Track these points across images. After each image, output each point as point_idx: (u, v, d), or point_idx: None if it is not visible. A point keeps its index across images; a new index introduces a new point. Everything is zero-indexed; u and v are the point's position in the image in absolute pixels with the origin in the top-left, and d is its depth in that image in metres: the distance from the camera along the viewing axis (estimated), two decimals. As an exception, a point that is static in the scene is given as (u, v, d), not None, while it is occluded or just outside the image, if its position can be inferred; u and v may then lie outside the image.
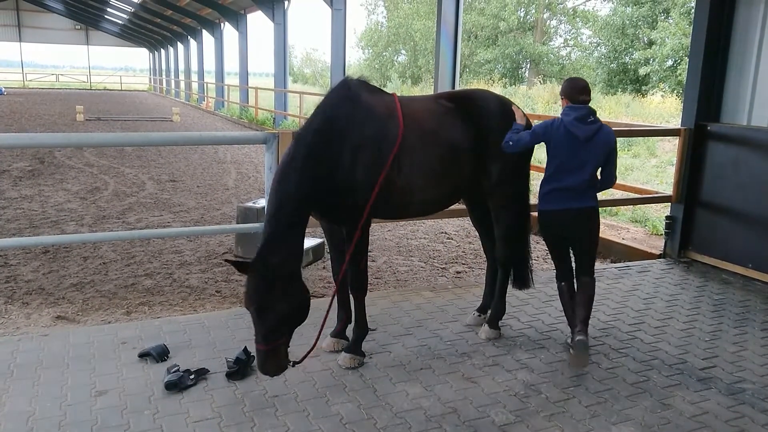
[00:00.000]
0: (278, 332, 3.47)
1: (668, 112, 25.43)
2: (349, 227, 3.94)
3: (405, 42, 49.95)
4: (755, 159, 6.14)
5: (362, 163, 3.82)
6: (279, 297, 3.43)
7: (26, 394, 3.60)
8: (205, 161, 15.04)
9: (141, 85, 67.16)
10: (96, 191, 11.00)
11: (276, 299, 3.43)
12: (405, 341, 4.47)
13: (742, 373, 4.17)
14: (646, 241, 8.34)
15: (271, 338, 3.44)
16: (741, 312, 5.32)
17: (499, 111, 4.36)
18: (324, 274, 6.85)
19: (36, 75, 66.70)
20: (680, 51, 30.24)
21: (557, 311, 5.13)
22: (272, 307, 3.42)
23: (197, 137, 4.90)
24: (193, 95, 41.75)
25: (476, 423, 3.44)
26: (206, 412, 3.46)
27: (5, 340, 4.38)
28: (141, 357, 4.05)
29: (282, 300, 3.44)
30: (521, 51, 42.72)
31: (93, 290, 6.14)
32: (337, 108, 3.89)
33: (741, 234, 6.29)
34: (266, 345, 3.43)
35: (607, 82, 36.60)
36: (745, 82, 6.39)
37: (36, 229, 8.26)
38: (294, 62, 70.18)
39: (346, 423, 3.41)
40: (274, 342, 3.45)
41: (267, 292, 3.42)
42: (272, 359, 3.46)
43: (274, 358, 3.46)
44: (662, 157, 17.78)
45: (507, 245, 4.53)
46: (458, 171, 4.23)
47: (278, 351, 3.48)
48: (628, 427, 3.47)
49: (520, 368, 4.11)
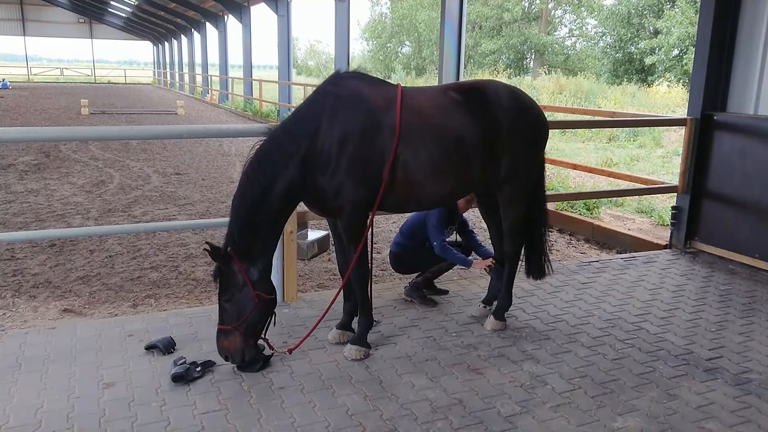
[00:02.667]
0: (232, 318, 3.73)
1: (674, 102, 25.31)
2: (342, 222, 3.95)
3: (409, 33, 49.81)
4: (762, 148, 6.10)
5: (346, 158, 3.77)
6: (235, 286, 3.71)
7: (34, 386, 3.62)
8: (210, 154, 15.06)
9: (145, 78, 67.23)
10: (101, 184, 11.03)
11: (232, 287, 3.72)
12: (410, 333, 4.47)
13: (749, 364, 4.15)
14: (652, 231, 8.32)
15: (224, 320, 3.74)
16: (747, 302, 5.30)
17: (512, 105, 4.21)
18: (329, 266, 6.86)
19: (40, 69, 66.88)
20: (686, 40, 30.04)
21: (563, 302, 5.12)
22: (227, 292, 3.72)
23: (202, 130, 4.89)
24: (197, 88, 41.74)
25: (482, 414, 3.45)
26: (213, 404, 3.48)
27: (13, 333, 4.40)
28: (148, 349, 4.07)
29: (237, 290, 3.72)
30: (526, 41, 42.54)
31: (99, 283, 6.17)
32: (315, 103, 3.87)
33: (747, 224, 6.26)
34: (219, 325, 3.75)
35: (613, 72, 36.43)
36: (752, 70, 6.34)
37: (42, 222, 8.29)
38: (298, 54, 70.10)
39: (352, 414, 3.42)
40: (224, 325, 3.73)
41: (221, 278, 3.72)
42: (223, 341, 3.73)
43: (225, 341, 3.73)
44: (668, 148, 17.71)
45: (514, 239, 4.51)
46: (466, 166, 4.10)
47: (230, 335, 3.72)
48: (634, 417, 3.47)
49: (525, 359, 4.11)
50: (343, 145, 3.76)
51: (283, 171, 3.73)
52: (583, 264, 6.23)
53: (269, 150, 3.79)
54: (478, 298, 5.01)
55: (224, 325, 3.73)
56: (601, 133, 19.38)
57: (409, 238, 5.00)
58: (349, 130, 3.78)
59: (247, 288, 3.72)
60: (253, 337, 3.80)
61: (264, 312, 3.81)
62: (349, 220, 3.90)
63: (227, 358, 3.77)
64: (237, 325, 3.71)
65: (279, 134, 3.82)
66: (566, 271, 5.94)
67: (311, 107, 3.87)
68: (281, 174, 3.73)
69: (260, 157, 3.78)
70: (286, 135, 3.80)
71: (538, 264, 4.74)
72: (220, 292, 3.75)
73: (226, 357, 3.77)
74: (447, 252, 4.78)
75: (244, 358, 3.77)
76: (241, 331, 3.73)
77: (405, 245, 5.01)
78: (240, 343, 3.73)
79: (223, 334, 3.73)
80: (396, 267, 5.11)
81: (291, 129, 3.82)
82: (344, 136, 3.77)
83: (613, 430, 3.35)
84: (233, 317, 3.72)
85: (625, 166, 14.71)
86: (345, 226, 3.94)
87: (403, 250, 5.01)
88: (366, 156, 3.81)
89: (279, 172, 3.73)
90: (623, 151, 17.37)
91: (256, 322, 3.78)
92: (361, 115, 3.83)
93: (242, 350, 3.75)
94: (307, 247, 7.08)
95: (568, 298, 5.24)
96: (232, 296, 3.72)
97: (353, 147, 3.78)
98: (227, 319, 3.73)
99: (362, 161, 3.80)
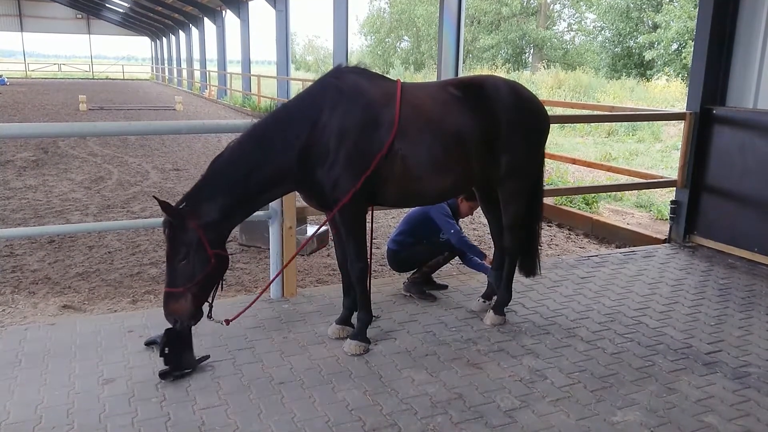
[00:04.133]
0: (184, 279, 3.54)
1: (673, 96, 25.30)
2: (341, 217, 3.94)
3: (407, 28, 49.73)
4: (761, 142, 6.10)
5: (345, 151, 3.76)
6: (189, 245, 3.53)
7: (34, 382, 3.62)
8: (209, 150, 15.03)
9: (143, 74, 67.03)
10: (100, 181, 11.01)
11: (185, 246, 3.53)
12: (410, 328, 4.48)
13: (748, 357, 4.16)
14: (651, 226, 8.33)
15: (176, 282, 3.54)
16: (746, 296, 5.31)
17: (512, 100, 4.19)
18: (328, 261, 6.86)
19: (38, 65, 66.67)
20: (685, 34, 30.01)
21: (562, 297, 5.13)
22: (180, 251, 3.53)
23: (200, 125, 4.89)
24: (195, 84, 41.66)
25: (482, 409, 3.45)
26: (213, 400, 3.48)
27: (13, 330, 4.40)
28: (147, 345, 4.07)
29: (192, 250, 3.53)
30: (524, 36, 42.47)
31: (99, 279, 6.17)
32: (317, 93, 3.86)
33: (747, 218, 6.26)
34: (168, 288, 3.56)
35: (612, 66, 36.41)
36: (752, 64, 6.33)
37: (41, 218, 8.28)
38: (296, 50, 69.99)
39: (352, 409, 3.42)
40: (174, 288, 3.54)
41: (174, 237, 3.52)
42: (173, 305, 3.56)
43: (174, 304, 3.55)
44: (667, 142, 17.71)
45: (514, 234, 4.51)
46: (466, 162, 4.09)
47: (181, 298, 3.55)
48: (633, 411, 3.47)
49: (525, 354, 4.12)
50: (341, 139, 3.76)
51: (279, 156, 3.71)
52: (583, 258, 6.24)
53: (269, 130, 3.75)
54: (478, 293, 5.01)
55: (174, 288, 3.54)
56: (600, 128, 19.37)
57: (409, 235, 5.00)
58: (348, 123, 3.78)
59: (203, 247, 3.55)
60: (203, 300, 3.66)
61: (218, 273, 3.68)
62: (347, 215, 3.90)
63: (176, 322, 3.59)
64: (190, 286, 3.55)
65: (281, 117, 3.80)
66: (565, 266, 5.94)
67: (314, 97, 3.86)
68: (277, 158, 3.71)
69: (258, 136, 3.74)
70: (288, 120, 3.77)
71: (529, 261, 4.74)
72: (171, 251, 3.54)
73: (175, 321, 3.59)
74: (464, 243, 4.79)
75: (193, 322, 3.63)
76: (193, 293, 3.57)
77: (404, 242, 5.01)
78: (191, 306, 3.57)
79: (173, 297, 3.55)
80: (393, 264, 5.11)
81: (294, 114, 3.79)
82: (343, 129, 3.76)
83: (613, 424, 3.35)
84: (186, 278, 3.54)
85: (624, 160, 14.71)
86: (344, 220, 3.93)
87: (401, 247, 5.01)
88: (364, 150, 3.81)
89: (274, 158, 3.71)
90: (622, 145, 17.37)
91: (208, 284, 3.64)
92: (361, 109, 3.83)
93: (193, 313, 3.60)
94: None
95: (567, 292, 5.24)
96: (186, 256, 3.53)
97: (352, 141, 3.77)
98: (179, 280, 3.54)
99: (360, 155, 3.80)
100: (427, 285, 5.10)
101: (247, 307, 4.15)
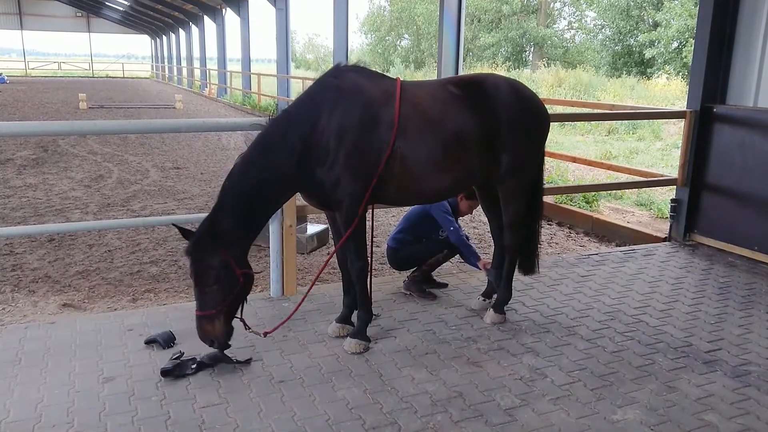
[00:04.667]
0: (215, 302, 3.59)
1: (673, 94, 25.28)
2: (341, 216, 3.94)
3: (408, 26, 49.69)
4: (762, 141, 6.09)
5: (345, 151, 3.75)
6: (216, 268, 3.57)
7: (34, 381, 3.62)
8: (209, 148, 15.03)
9: (143, 72, 67.04)
10: (100, 179, 11.01)
11: (213, 269, 3.57)
12: (410, 326, 4.48)
13: (748, 356, 4.16)
14: (651, 224, 8.33)
15: (207, 305, 3.59)
16: (746, 295, 5.31)
17: (512, 99, 4.18)
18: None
19: (38, 63, 66.69)
20: (686, 32, 29.98)
21: (562, 295, 5.13)
22: (208, 276, 3.57)
23: (200, 124, 4.89)
24: (195, 82, 41.63)
25: (482, 407, 3.45)
26: (213, 398, 3.48)
27: (13, 328, 4.40)
28: (147, 344, 4.07)
29: (220, 272, 3.57)
30: (525, 34, 42.41)
31: (99, 278, 6.17)
32: (316, 94, 3.86)
33: (747, 216, 6.26)
34: (199, 311, 3.61)
35: (612, 64, 36.38)
36: (752, 62, 6.32)
37: (41, 217, 8.28)
38: (296, 48, 69.94)
39: (352, 408, 3.42)
40: (206, 311, 3.59)
41: (200, 262, 3.58)
42: (207, 327, 3.61)
43: (209, 326, 3.61)
44: (667, 140, 17.71)
45: (515, 233, 4.50)
46: (466, 161, 4.08)
47: (214, 319, 3.60)
48: (633, 409, 3.47)
49: (525, 352, 4.12)
50: (341, 138, 3.75)
51: (282, 162, 3.72)
52: (583, 257, 6.24)
53: (271, 139, 3.76)
54: (478, 292, 5.01)
55: (206, 311, 3.60)
56: (600, 126, 19.36)
57: (409, 233, 5.00)
58: (348, 123, 3.77)
59: (230, 268, 3.60)
60: (233, 316, 3.71)
61: (246, 290, 3.73)
62: (347, 214, 3.89)
63: (212, 343, 3.67)
64: (221, 308, 3.61)
65: (281, 123, 3.79)
66: (566, 264, 5.94)
67: (312, 98, 3.86)
68: (280, 165, 3.72)
69: (261, 146, 3.75)
70: (288, 125, 3.78)
71: (528, 260, 4.74)
72: (199, 276, 3.59)
73: (211, 342, 3.67)
74: (462, 240, 4.80)
75: (228, 339, 3.70)
76: (224, 313, 3.63)
77: (404, 240, 5.01)
78: (225, 326, 3.65)
79: (206, 320, 3.61)
80: (393, 263, 5.11)
81: (293, 119, 3.79)
82: (343, 128, 3.76)
83: (613, 422, 3.35)
84: (217, 300, 3.60)
85: (624, 158, 14.70)
86: (344, 219, 3.93)
87: (401, 245, 5.01)
88: (364, 149, 3.80)
89: (278, 163, 3.72)
90: (622, 143, 17.36)
91: (237, 302, 3.71)
92: (361, 108, 3.82)
93: (227, 333, 3.67)
94: (307, 241, 7.08)
95: (567, 291, 5.24)
96: (216, 279, 3.58)
97: (352, 140, 3.77)
98: (210, 303, 3.60)
99: (360, 154, 3.79)
100: (427, 283, 5.10)
101: (286, 318, 4.15)
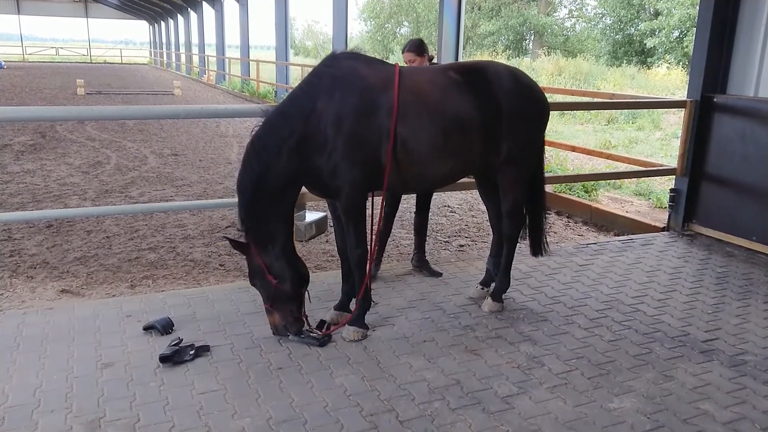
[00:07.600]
0: (265, 298, 3.93)
1: (674, 84, 25.21)
2: (341, 203, 3.93)
3: (407, 14, 49.38)
4: (762, 131, 6.08)
5: (343, 138, 3.73)
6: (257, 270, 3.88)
7: (33, 366, 3.62)
8: (207, 135, 14.98)
9: (141, 58, 66.69)
10: (98, 165, 10.98)
11: (255, 271, 3.90)
12: (408, 314, 4.48)
13: (745, 345, 4.18)
14: (650, 214, 8.33)
15: (264, 299, 3.95)
16: (744, 285, 5.32)
17: (512, 86, 4.15)
18: (327, 247, 6.86)
19: (35, 48, 66.28)
20: (687, 22, 29.84)
21: (560, 284, 5.14)
22: (254, 275, 3.92)
23: (199, 110, 4.87)
24: (193, 68, 41.41)
25: (479, 395, 3.47)
26: (211, 384, 3.49)
27: (11, 314, 4.40)
28: (146, 330, 4.07)
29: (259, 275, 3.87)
30: (525, 22, 42.16)
31: (97, 264, 6.17)
32: (310, 84, 3.85)
33: (746, 207, 6.26)
34: (265, 304, 3.98)
35: (612, 53, 36.22)
36: (753, 52, 6.30)
37: (39, 203, 8.27)
38: (295, 35, 69.52)
39: (350, 395, 3.43)
40: (266, 304, 3.95)
41: (249, 263, 3.92)
42: (268, 317, 3.98)
43: (269, 317, 3.97)
44: (667, 130, 17.67)
45: (514, 221, 4.49)
46: (465, 147, 4.07)
47: (270, 313, 3.95)
48: (630, 398, 3.49)
49: (522, 340, 4.13)
50: (339, 126, 3.73)
51: (276, 157, 3.71)
52: (581, 246, 6.24)
53: (263, 135, 3.76)
54: (476, 280, 5.02)
55: (265, 304, 3.96)
56: (599, 115, 19.31)
57: None
58: (345, 110, 3.75)
59: (263, 273, 3.85)
60: (290, 315, 3.93)
61: (287, 295, 3.88)
62: (347, 201, 3.88)
63: (275, 332, 4.00)
64: (271, 303, 3.90)
65: (273, 118, 3.79)
66: (564, 253, 5.95)
67: (306, 89, 3.84)
68: (275, 160, 3.71)
69: (255, 143, 3.76)
70: (281, 118, 3.76)
71: (539, 242, 4.76)
72: (250, 273, 3.94)
73: (274, 331, 4.00)
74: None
75: (289, 332, 3.95)
76: (276, 309, 3.91)
77: None
78: (279, 320, 3.93)
79: (267, 311, 3.97)
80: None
81: (285, 112, 3.78)
82: (340, 116, 3.74)
83: (610, 410, 3.37)
84: (265, 297, 3.92)
85: (623, 148, 14.68)
86: (344, 207, 3.92)
87: None
88: (363, 136, 3.79)
89: (273, 158, 3.71)
90: (622, 133, 17.33)
91: (283, 303, 3.91)
92: (358, 95, 3.79)
93: (284, 326, 3.94)
94: (305, 229, 7.08)
95: (565, 280, 5.25)
96: (261, 279, 3.88)
97: (349, 127, 3.74)
98: (264, 298, 3.94)
99: (359, 142, 3.78)
100: (423, 270, 5.15)
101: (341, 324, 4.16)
